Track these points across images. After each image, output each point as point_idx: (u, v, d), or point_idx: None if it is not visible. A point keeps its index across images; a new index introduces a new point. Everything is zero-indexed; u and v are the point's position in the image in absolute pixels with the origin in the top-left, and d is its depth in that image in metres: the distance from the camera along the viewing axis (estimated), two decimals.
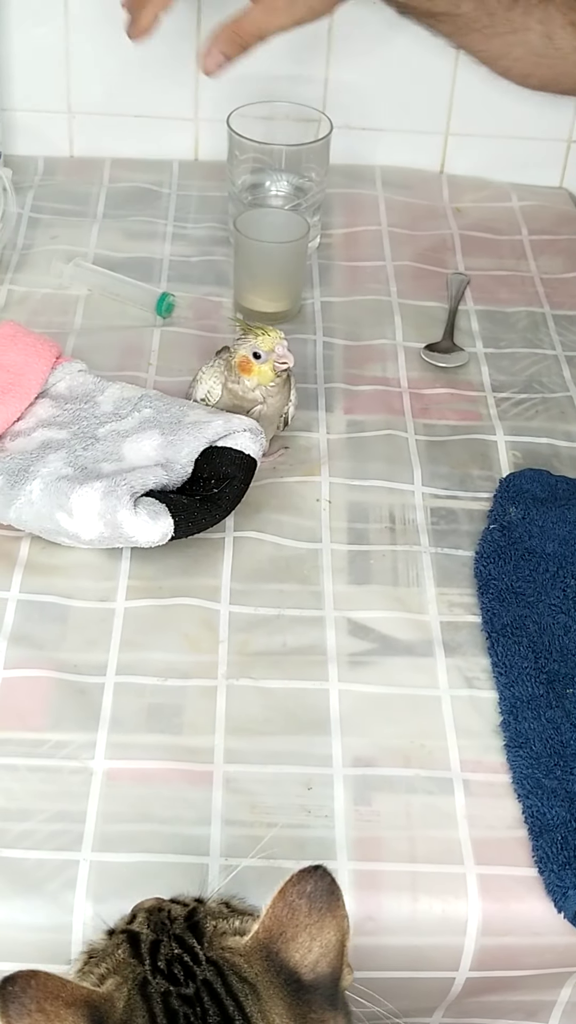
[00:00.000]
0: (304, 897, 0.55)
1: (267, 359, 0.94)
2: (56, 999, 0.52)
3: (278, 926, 0.56)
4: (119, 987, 0.55)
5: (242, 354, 0.95)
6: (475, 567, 0.93)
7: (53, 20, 1.30)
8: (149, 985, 0.55)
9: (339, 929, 0.55)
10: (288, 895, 0.56)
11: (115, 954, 0.57)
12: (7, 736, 0.80)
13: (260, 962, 0.56)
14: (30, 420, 0.98)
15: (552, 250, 1.30)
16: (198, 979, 0.55)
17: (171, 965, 0.56)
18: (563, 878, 0.73)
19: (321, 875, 0.56)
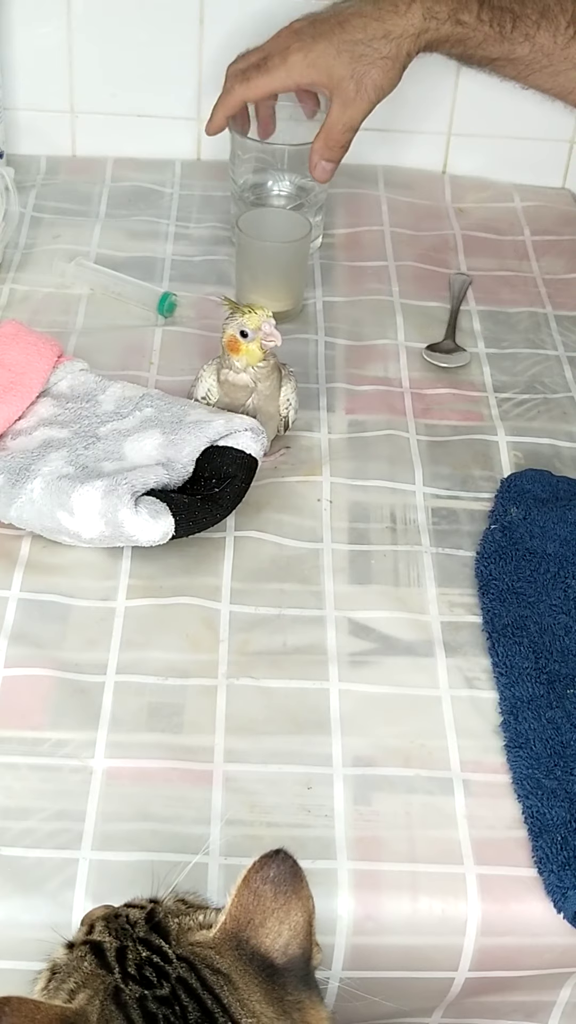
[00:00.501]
0: (268, 883, 0.56)
1: (254, 337, 0.94)
2: (32, 1022, 0.52)
3: (245, 914, 0.56)
4: (91, 1000, 0.55)
5: (230, 333, 0.95)
6: (476, 567, 0.93)
7: (56, 20, 1.30)
8: (122, 993, 0.55)
9: (305, 910, 0.56)
10: (252, 882, 0.56)
11: (81, 967, 0.57)
12: (7, 735, 0.80)
13: (231, 952, 0.56)
14: (31, 419, 0.98)
15: (554, 251, 1.30)
16: (172, 978, 0.55)
17: (141, 969, 0.56)
18: (563, 878, 0.73)
19: (283, 859, 0.56)
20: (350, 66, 1.05)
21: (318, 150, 1.10)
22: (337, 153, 1.11)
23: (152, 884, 0.63)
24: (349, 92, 1.06)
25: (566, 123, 1.36)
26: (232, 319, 0.95)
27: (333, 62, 1.06)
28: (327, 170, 1.12)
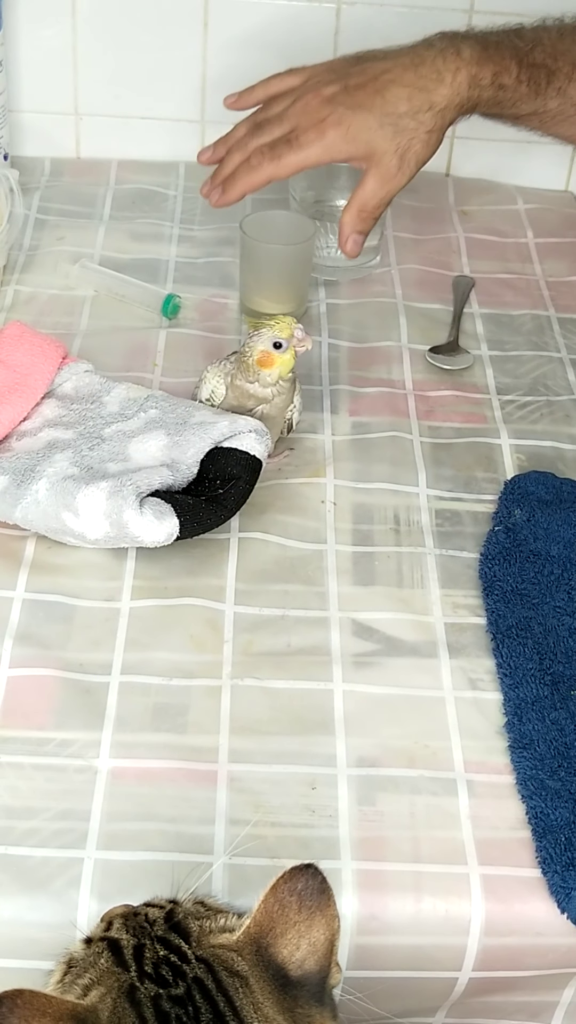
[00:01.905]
0: (295, 895, 0.56)
1: (288, 347, 0.95)
2: (44, 1016, 0.52)
3: (268, 921, 0.56)
4: (103, 997, 0.55)
5: (261, 349, 0.95)
6: (480, 569, 0.93)
7: (60, 22, 1.30)
8: (137, 991, 0.55)
9: (328, 928, 0.56)
10: (279, 892, 0.56)
11: (98, 963, 0.57)
12: (13, 735, 0.80)
13: (251, 956, 0.56)
14: (36, 420, 0.98)
15: (557, 253, 1.30)
16: (188, 978, 0.55)
17: (158, 968, 0.56)
18: (566, 879, 0.74)
19: (312, 873, 0.56)
20: (393, 140, 1.00)
21: (350, 223, 1.04)
22: (370, 226, 1.05)
23: (169, 885, 0.64)
24: (391, 168, 1.01)
25: None
26: (260, 335, 0.95)
27: (375, 136, 0.99)
28: (359, 243, 1.06)
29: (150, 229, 1.28)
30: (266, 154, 1.02)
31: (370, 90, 0.99)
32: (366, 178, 1.02)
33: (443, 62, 0.99)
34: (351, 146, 1.00)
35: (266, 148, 1.02)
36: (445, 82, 0.99)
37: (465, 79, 1.00)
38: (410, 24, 1.26)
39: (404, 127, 1.00)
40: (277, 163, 1.02)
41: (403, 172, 1.02)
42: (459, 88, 1.00)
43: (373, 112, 0.99)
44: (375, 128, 0.99)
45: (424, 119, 1.00)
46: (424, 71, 0.99)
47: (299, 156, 1.01)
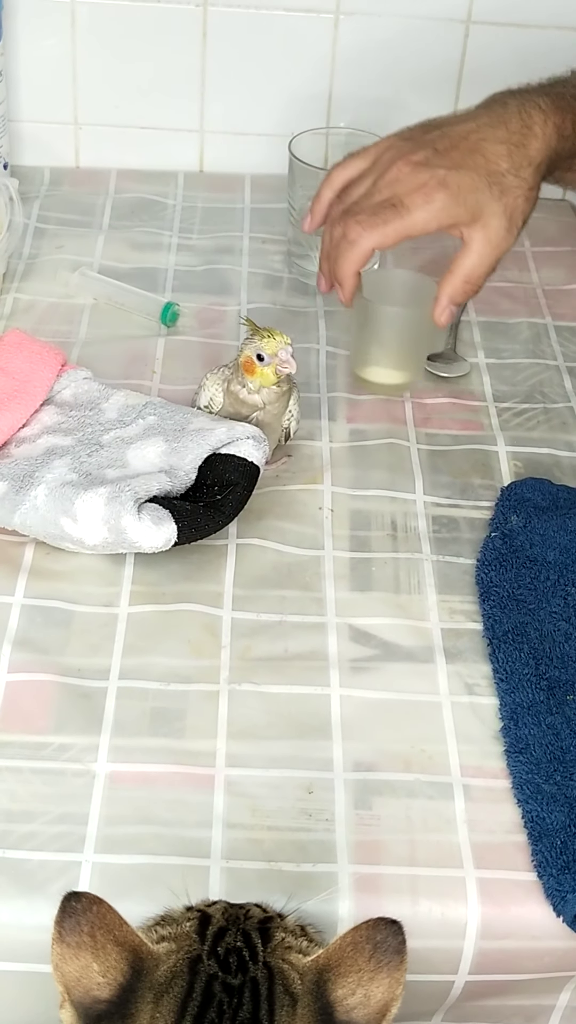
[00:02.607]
0: (371, 942, 0.56)
1: (270, 363, 0.95)
2: (109, 932, 0.54)
3: (337, 958, 0.56)
4: (170, 954, 0.56)
5: (247, 354, 0.95)
6: (476, 574, 0.93)
7: (60, 32, 1.31)
8: (200, 964, 0.56)
9: (389, 990, 0.56)
10: (358, 934, 0.56)
11: (183, 924, 0.59)
12: (11, 739, 0.80)
13: (309, 983, 0.56)
14: (35, 427, 0.99)
15: (554, 262, 1.30)
16: (248, 975, 0.56)
17: (228, 954, 0.57)
18: (562, 882, 0.74)
19: (395, 931, 0.56)
20: (501, 200, 0.94)
21: (451, 293, 0.98)
22: (471, 296, 0.99)
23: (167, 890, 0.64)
24: (500, 230, 0.95)
25: None
26: (251, 341, 0.95)
27: (483, 197, 0.93)
28: (454, 313, 1.00)
29: (149, 238, 1.28)
30: (365, 223, 0.95)
31: (464, 150, 0.94)
32: (472, 244, 0.96)
33: (528, 116, 0.95)
34: (460, 208, 0.94)
35: (366, 219, 0.95)
36: (537, 135, 0.95)
37: (553, 130, 0.96)
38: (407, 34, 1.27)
39: (509, 185, 0.94)
40: (382, 232, 0.95)
41: (511, 233, 0.96)
42: (549, 140, 0.95)
43: (478, 172, 0.94)
44: (483, 189, 0.94)
45: (526, 176, 0.95)
46: (514, 127, 0.95)
47: (406, 224, 0.94)
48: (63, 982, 0.55)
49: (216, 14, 1.30)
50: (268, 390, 0.96)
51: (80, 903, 0.54)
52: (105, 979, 0.55)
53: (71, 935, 0.54)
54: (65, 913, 0.54)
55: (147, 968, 0.56)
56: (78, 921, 0.54)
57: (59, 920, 0.55)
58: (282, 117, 1.31)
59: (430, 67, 1.21)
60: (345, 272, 0.98)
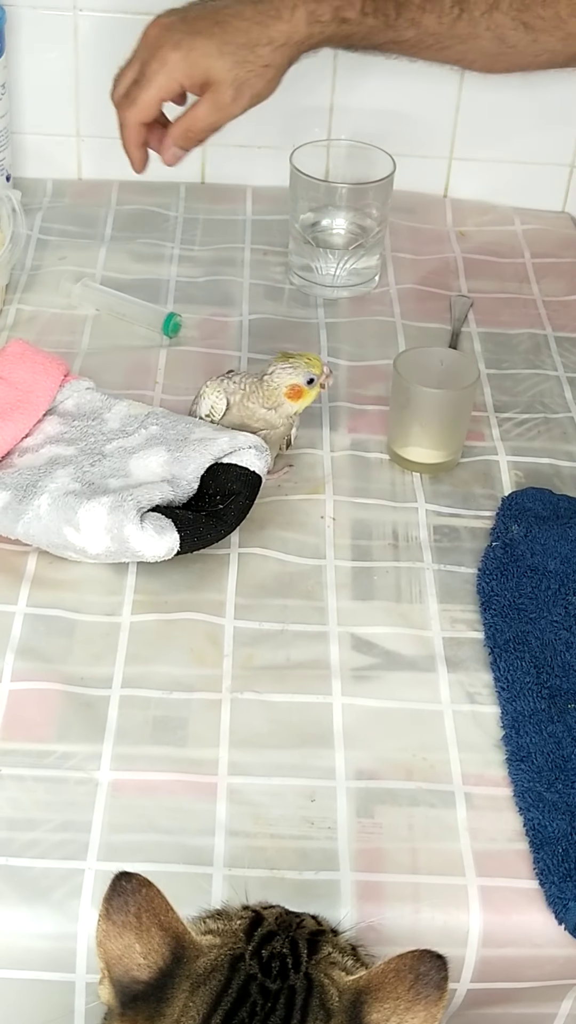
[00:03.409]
0: (413, 972, 0.56)
1: (317, 383, 0.98)
2: (155, 916, 0.55)
3: (378, 981, 0.56)
4: (214, 948, 0.57)
5: (294, 382, 0.97)
6: (478, 584, 0.94)
7: (62, 45, 1.31)
8: (241, 962, 0.57)
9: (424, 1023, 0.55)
10: (403, 961, 0.56)
11: (234, 921, 0.59)
12: (14, 747, 0.80)
13: (347, 1002, 0.56)
14: (38, 437, 0.99)
15: (554, 273, 1.31)
16: (287, 982, 0.56)
17: (272, 958, 0.57)
18: (564, 890, 0.74)
19: (439, 966, 0.56)
20: (231, 71, 0.99)
21: (176, 137, 1.04)
22: (193, 144, 1.05)
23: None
24: (226, 97, 1.00)
25: (566, 147, 1.38)
26: (296, 368, 0.97)
27: (214, 63, 0.99)
28: (178, 157, 1.06)
29: (151, 249, 1.29)
30: (124, 103, 1.03)
31: (210, 20, 1.00)
32: (200, 103, 1.02)
33: (283, 6, 0.99)
34: (191, 70, 0.99)
35: (124, 97, 1.03)
36: (283, 18, 0.99)
37: (303, 15, 1.00)
38: None
39: (242, 59, 0.99)
40: (135, 107, 1.02)
41: (237, 103, 1.01)
42: (297, 25, 1.00)
43: (212, 40, 0.99)
44: (215, 55, 0.99)
45: (262, 53, 1.00)
46: (263, 7, 0.99)
47: (150, 92, 1.01)
48: (105, 959, 0.55)
49: None
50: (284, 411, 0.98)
51: (130, 883, 0.55)
52: (146, 961, 0.55)
53: (118, 914, 0.55)
54: (114, 892, 0.55)
55: (188, 957, 0.56)
56: (126, 901, 0.55)
57: (108, 898, 0.55)
58: (284, 129, 1.31)
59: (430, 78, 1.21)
60: (127, 149, 1.06)
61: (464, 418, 1.04)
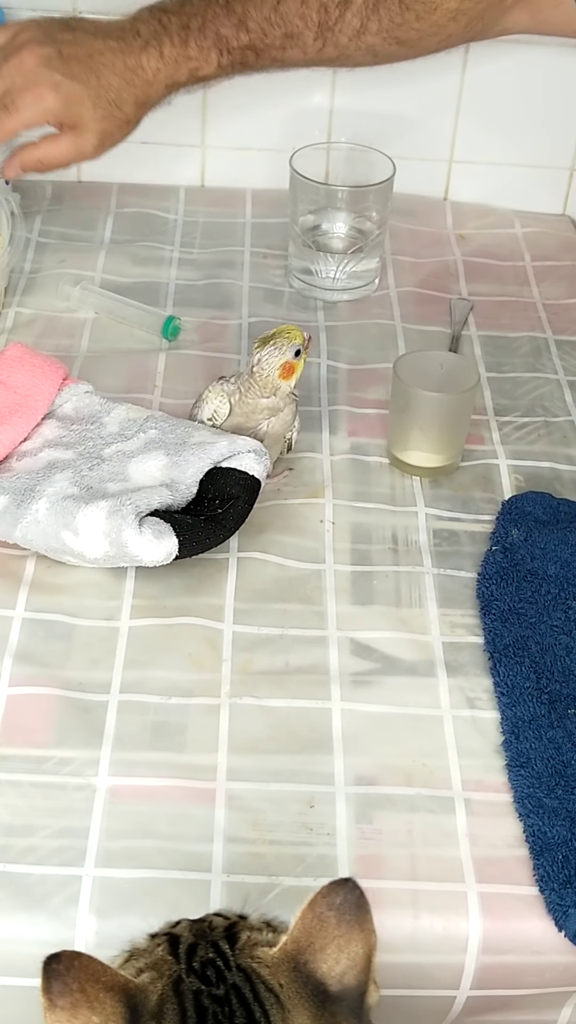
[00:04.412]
0: (333, 909, 0.56)
1: (303, 351, 0.97)
2: (97, 982, 0.53)
3: (306, 937, 0.56)
4: (154, 981, 0.56)
5: (284, 361, 0.96)
6: (477, 588, 0.93)
7: None
8: (183, 983, 0.56)
9: (366, 943, 0.56)
10: (317, 907, 0.56)
11: (154, 952, 0.58)
12: (12, 752, 0.80)
13: (287, 973, 0.56)
14: (36, 440, 0.99)
15: (554, 276, 1.31)
16: (228, 983, 0.56)
17: (205, 967, 0.57)
18: (564, 897, 0.74)
19: (351, 888, 0.56)
20: (100, 123, 1.04)
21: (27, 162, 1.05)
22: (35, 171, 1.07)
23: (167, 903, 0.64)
24: (88, 144, 1.04)
25: (566, 151, 1.38)
26: (278, 348, 0.96)
27: (87, 113, 1.02)
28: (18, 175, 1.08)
29: (150, 252, 1.29)
30: None
31: (85, 66, 1.01)
32: (62, 141, 1.04)
33: (147, 59, 1.03)
34: (63, 113, 1.02)
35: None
36: (147, 80, 1.03)
37: (164, 79, 1.04)
38: None
39: (110, 113, 1.03)
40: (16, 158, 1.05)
41: (96, 151, 1.05)
42: (159, 87, 1.04)
43: (89, 89, 1.01)
44: (88, 106, 1.02)
45: (128, 111, 1.04)
46: (131, 62, 1.02)
47: (16, 121, 1.02)
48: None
49: None
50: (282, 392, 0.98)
51: (61, 963, 0.53)
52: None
53: (61, 998, 0.53)
54: (50, 977, 0.53)
55: (141, 1003, 0.55)
56: (64, 981, 0.53)
57: (46, 987, 0.53)
58: (283, 132, 1.31)
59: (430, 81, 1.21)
60: None
61: (464, 422, 1.04)
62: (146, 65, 1.03)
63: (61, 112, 1.02)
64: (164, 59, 1.03)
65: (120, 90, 1.03)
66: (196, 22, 1.04)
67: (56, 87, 1.00)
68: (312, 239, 1.23)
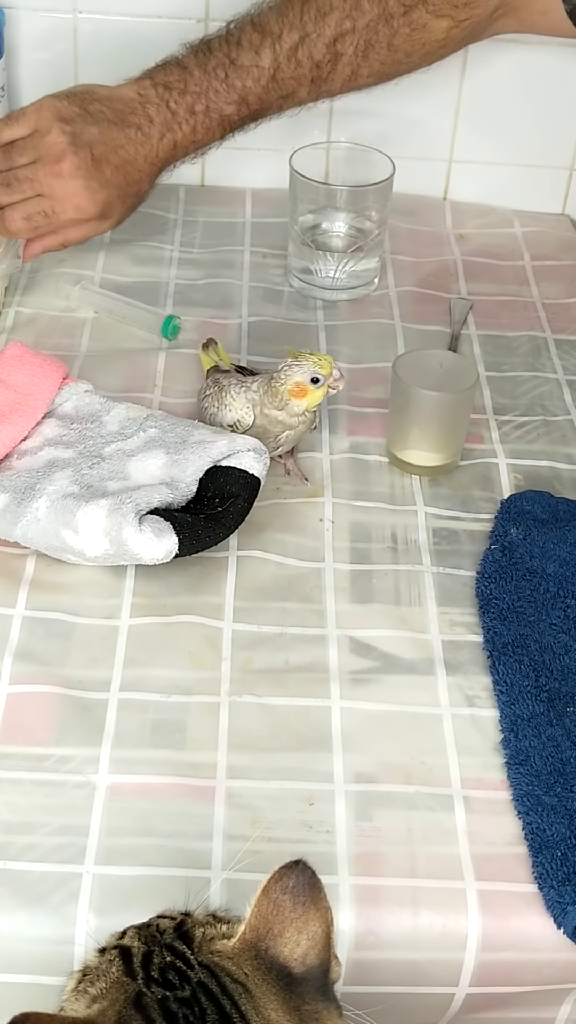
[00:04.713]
0: (287, 892, 0.56)
1: (323, 384, 0.97)
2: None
3: (264, 924, 0.56)
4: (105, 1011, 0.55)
5: (298, 380, 0.96)
6: (476, 587, 0.94)
7: (62, 44, 1.31)
8: (144, 997, 0.55)
9: (323, 921, 0.56)
10: (271, 892, 0.56)
11: (109, 972, 0.57)
12: (12, 750, 0.80)
13: (250, 961, 0.56)
14: (37, 439, 0.99)
15: (554, 276, 1.31)
16: (192, 982, 0.56)
17: (165, 973, 0.56)
18: (562, 894, 0.74)
19: (302, 869, 0.57)
20: (124, 212, 1.13)
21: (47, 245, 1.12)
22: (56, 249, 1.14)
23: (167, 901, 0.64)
24: (108, 227, 1.13)
25: (566, 150, 1.38)
26: (301, 366, 0.97)
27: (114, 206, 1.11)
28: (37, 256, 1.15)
29: (150, 252, 1.29)
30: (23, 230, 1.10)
31: (115, 166, 1.09)
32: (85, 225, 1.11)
33: (163, 149, 1.11)
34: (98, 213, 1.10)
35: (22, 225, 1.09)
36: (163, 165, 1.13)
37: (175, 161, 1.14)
38: None
39: (133, 204, 1.14)
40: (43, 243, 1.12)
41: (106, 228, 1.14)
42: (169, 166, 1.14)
43: (119, 190, 1.10)
44: (118, 204, 1.11)
45: (145, 193, 1.14)
46: (151, 155, 1.11)
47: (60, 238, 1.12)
48: None
49: (216, 28, 1.30)
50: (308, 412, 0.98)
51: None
52: None
53: None
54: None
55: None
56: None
57: None
58: (283, 132, 1.31)
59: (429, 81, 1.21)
60: None
61: (463, 421, 1.04)
62: (162, 155, 1.11)
63: (96, 215, 1.10)
64: (177, 147, 1.12)
65: (142, 183, 1.12)
66: (201, 105, 1.11)
67: (93, 196, 1.08)
68: (312, 238, 1.24)
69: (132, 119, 1.09)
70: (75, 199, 1.08)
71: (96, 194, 1.08)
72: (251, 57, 1.10)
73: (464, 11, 1.10)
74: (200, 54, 1.11)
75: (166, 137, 1.10)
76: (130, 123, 1.09)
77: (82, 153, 1.07)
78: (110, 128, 1.08)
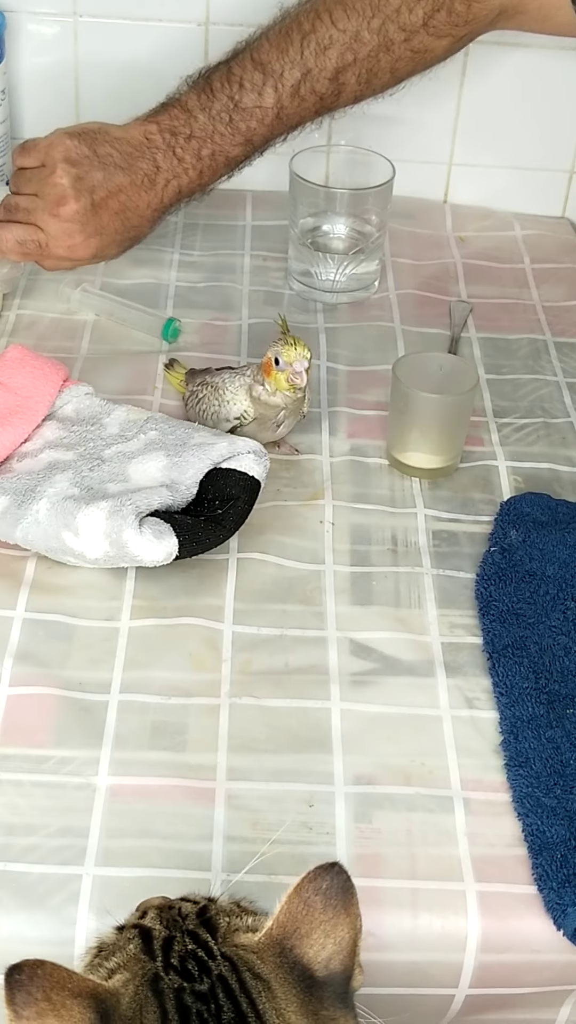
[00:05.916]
0: (320, 894, 0.55)
1: (284, 369, 0.97)
2: (62, 989, 0.52)
3: (292, 922, 0.56)
4: (127, 983, 0.55)
5: (268, 355, 0.97)
6: (476, 589, 0.94)
7: (62, 48, 1.32)
8: (161, 981, 0.55)
9: (352, 927, 0.56)
10: (304, 891, 0.56)
11: (126, 948, 0.57)
12: (12, 752, 0.80)
13: (273, 958, 0.55)
14: (37, 442, 0.99)
15: (554, 278, 1.31)
16: (213, 975, 0.55)
17: (184, 961, 0.56)
18: (562, 896, 0.74)
19: (337, 872, 0.56)
20: (120, 252, 1.13)
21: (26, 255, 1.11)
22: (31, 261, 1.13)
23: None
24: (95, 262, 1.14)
25: (566, 153, 1.38)
26: (276, 343, 0.97)
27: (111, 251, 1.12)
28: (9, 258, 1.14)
29: (150, 254, 1.29)
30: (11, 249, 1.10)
31: (115, 212, 1.09)
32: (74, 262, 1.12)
33: (167, 195, 1.11)
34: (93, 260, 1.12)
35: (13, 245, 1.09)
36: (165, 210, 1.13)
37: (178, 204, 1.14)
38: None
39: (131, 246, 1.14)
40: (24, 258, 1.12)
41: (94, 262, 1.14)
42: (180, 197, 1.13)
43: (116, 235, 1.10)
44: (114, 248, 1.12)
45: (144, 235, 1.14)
46: (154, 202, 1.11)
47: (46, 264, 1.12)
48: None
49: (217, 32, 1.31)
50: (284, 395, 0.98)
51: (23, 973, 0.51)
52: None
53: (26, 1008, 0.51)
54: (13, 988, 0.51)
55: (112, 1007, 0.53)
56: (28, 991, 0.51)
57: (9, 998, 0.51)
58: None
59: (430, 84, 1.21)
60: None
61: (463, 423, 1.04)
62: (166, 201, 1.12)
63: (88, 257, 1.11)
64: (182, 192, 1.12)
65: (141, 227, 1.12)
66: (207, 149, 1.11)
67: (87, 241, 1.09)
68: (312, 241, 1.24)
69: (140, 165, 1.09)
70: (69, 241, 1.08)
71: (90, 239, 1.09)
72: (254, 99, 1.09)
73: (464, 28, 1.10)
74: (203, 96, 1.10)
75: (171, 184, 1.11)
76: (137, 169, 1.09)
77: (83, 199, 1.07)
78: (116, 173, 1.08)
